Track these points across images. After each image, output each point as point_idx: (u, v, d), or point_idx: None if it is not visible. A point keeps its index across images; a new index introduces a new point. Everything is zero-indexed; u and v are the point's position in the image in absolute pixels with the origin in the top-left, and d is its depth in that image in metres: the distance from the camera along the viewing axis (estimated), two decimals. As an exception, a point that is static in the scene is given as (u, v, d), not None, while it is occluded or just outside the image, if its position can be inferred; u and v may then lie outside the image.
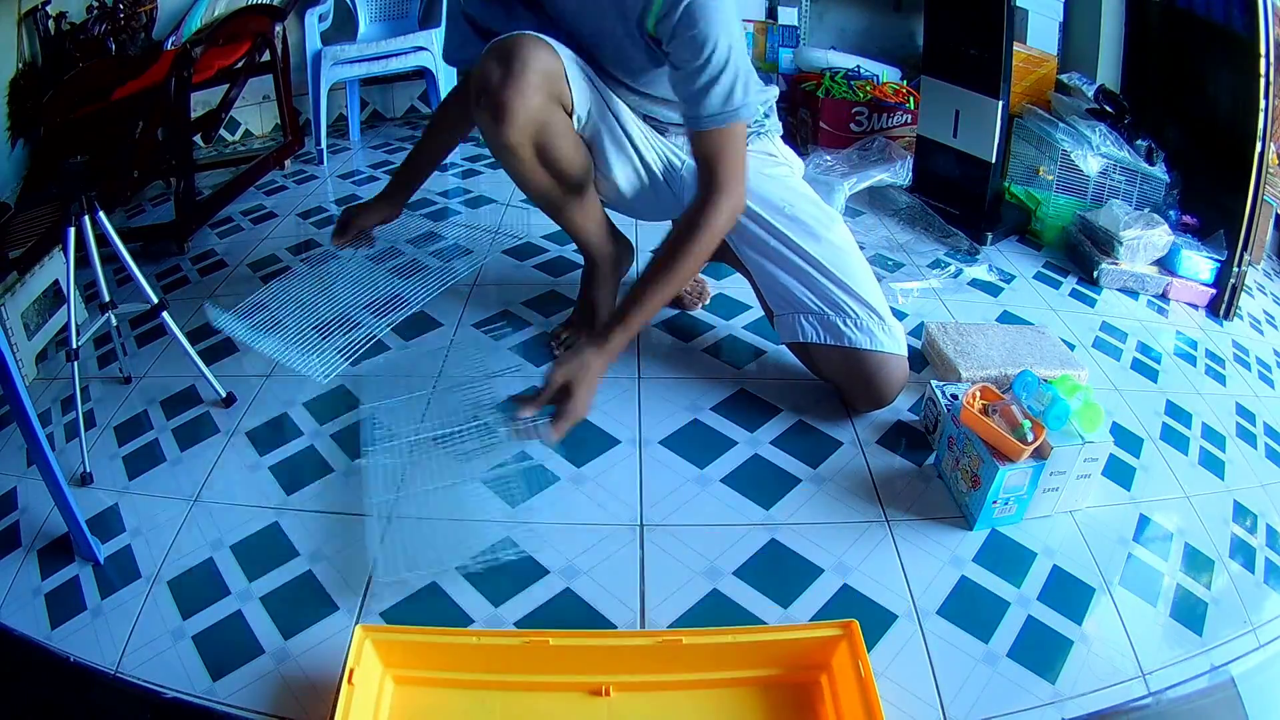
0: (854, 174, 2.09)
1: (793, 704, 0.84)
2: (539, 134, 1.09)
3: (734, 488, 1.11)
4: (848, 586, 0.97)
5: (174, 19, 2.07)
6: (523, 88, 1.03)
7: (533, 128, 1.08)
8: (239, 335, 1.29)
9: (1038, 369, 1.25)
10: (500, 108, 1.04)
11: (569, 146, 1.14)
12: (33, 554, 1.05)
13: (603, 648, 0.85)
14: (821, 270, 1.18)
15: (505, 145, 1.09)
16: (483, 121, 1.08)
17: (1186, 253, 1.77)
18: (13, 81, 1.69)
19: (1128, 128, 1.96)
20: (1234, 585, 1.04)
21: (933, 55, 1.96)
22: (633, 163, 1.23)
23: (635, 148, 1.22)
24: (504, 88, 1.03)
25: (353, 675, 0.78)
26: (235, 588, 0.98)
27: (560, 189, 1.20)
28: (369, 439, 1.17)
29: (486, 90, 1.04)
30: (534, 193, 1.21)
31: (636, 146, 1.22)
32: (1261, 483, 1.25)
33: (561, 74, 1.07)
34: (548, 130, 1.10)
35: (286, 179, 2.36)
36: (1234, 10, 1.74)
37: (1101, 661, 0.90)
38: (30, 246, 1.49)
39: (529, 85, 1.03)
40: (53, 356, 1.48)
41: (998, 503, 1.03)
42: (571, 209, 1.25)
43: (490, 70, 1.04)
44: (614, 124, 1.18)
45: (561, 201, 1.23)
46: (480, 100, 1.05)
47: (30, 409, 0.92)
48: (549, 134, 1.10)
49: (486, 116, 1.06)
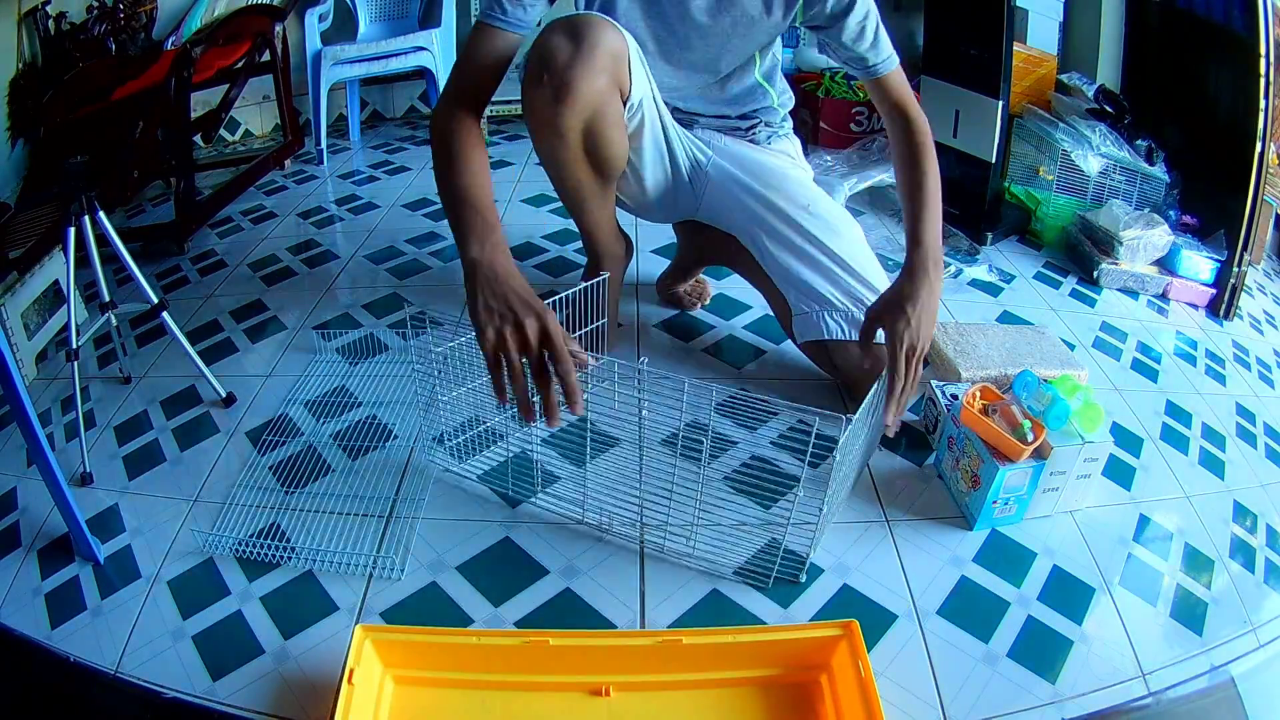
0: (854, 174, 2.09)
1: (793, 704, 0.84)
2: (594, 119, 1.05)
3: (734, 487, 1.11)
4: (848, 586, 0.97)
5: (174, 19, 2.07)
6: (591, 68, 0.99)
7: (590, 111, 1.04)
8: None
9: (1038, 369, 1.25)
10: (565, 87, 0.99)
11: (617, 136, 1.11)
12: (33, 554, 1.05)
13: (603, 648, 0.85)
14: (844, 266, 1.19)
15: (559, 127, 1.04)
16: (540, 99, 1.02)
17: (1186, 253, 1.77)
18: (13, 81, 1.69)
19: (1128, 128, 1.96)
20: (1234, 585, 1.04)
21: (933, 55, 1.96)
22: (664, 159, 1.23)
23: (669, 143, 1.22)
24: (572, 66, 0.98)
25: (353, 675, 0.78)
26: (235, 588, 0.97)
27: (593, 180, 1.17)
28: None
29: (551, 67, 0.99)
30: (566, 180, 1.17)
31: (669, 142, 1.22)
32: (1261, 483, 1.25)
33: (626, 57, 1.04)
34: (602, 116, 1.06)
35: (286, 179, 2.36)
36: (1234, 10, 1.74)
37: (1101, 661, 0.90)
38: (30, 246, 1.50)
39: (597, 66, 0.99)
40: (53, 356, 1.48)
41: (998, 503, 1.03)
42: (595, 202, 1.23)
43: (559, 46, 0.99)
44: (656, 117, 1.16)
45: (588, 193, 1.20)
46: (542, 77, 1.00)
47: (30, 409, 0.92)
48: (603, 120, 1.06)
49: (548, 94, 1.01)
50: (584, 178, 1.16)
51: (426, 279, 1.70)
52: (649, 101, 1.13)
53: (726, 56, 1.19)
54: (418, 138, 2.70)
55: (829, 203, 1.26)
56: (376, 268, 1.75)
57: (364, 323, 1.53)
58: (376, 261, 1.78)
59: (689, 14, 1.14)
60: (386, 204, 2.11)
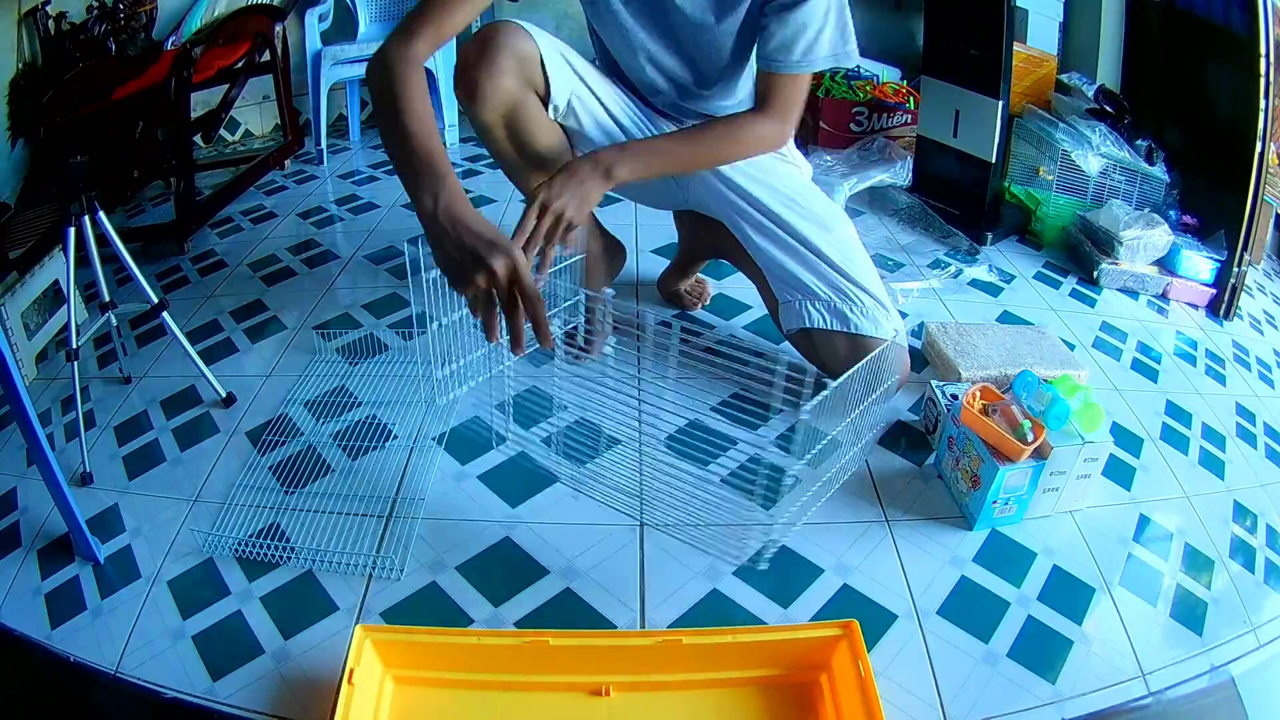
0: (854, 174, 2.09)
1: (793, 704, 0.84)
2: (510, 116, 1.14)
3: (734, 488, 1.11)
4: (848, 586, 0.97)
5: (174, 19, 2.07)
6: (494, 70, 1.09)
7: (503, 109, 1.13)
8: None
9: (1038, 369, 1.25)
10: (472, 86, 1.10)
11: (539, 131, 1.18)
12: (33, 554, 1.05)
13: (603, 648, 0.85)
14: (828, 261, 1.20)
15: (478, 124, 1.15)
16: (459, 100, 1.14)
17: (1186, 253, 1.77)
18: (13, 81, 1.69)
19: (1128, 128, 1.96)
20: (1234, 585, 1.04)
21: (933, 55, 1.96)
22: None
23: (626, 135, 1.23)
24: (476, 68, 1.09)
25: (353, 675, 0.78)
26: (235, 588, 0.97)
27: (534, 170, 1.22)
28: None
29: (463, 70, 1.10)
30: (511, 173, 1.26)
31: (629, 135, 1.23)
32: (1261, 483, 1.25)
33: (537, 60, 1.12)
34: (519, 113, 1.14)
35: (286, 179, 2.36)
36: (1234, 10, 1.74)
37: (1101, 661, 0.90)
38: (30, 246, 1.50)
39: (501, 68, 1.09)
40: (53, 356, 1.48)
41: (998, 503, 1.03)
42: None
43: (467, 50, 1.10)
44: (603, 113, 1.22)
45: (533, 184, 1.20)
46: (457, 79, 1.12)
47: (30, 409, 0.92)
48: (520, 117, 1.15)
49: (461, 94, 1.12)
50: (521, 168, 1.23)
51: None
52: (587, 99, 1.20)
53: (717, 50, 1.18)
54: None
55: (821, 200, 1.27)
56: (376, 268, 1.75)
57: (364, 323, 1.53)
58: (376, 261, 1.78)
59: (672, 3, 1.14)
60: (386, 204, 2.11)
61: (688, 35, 1.16)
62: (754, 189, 1.24)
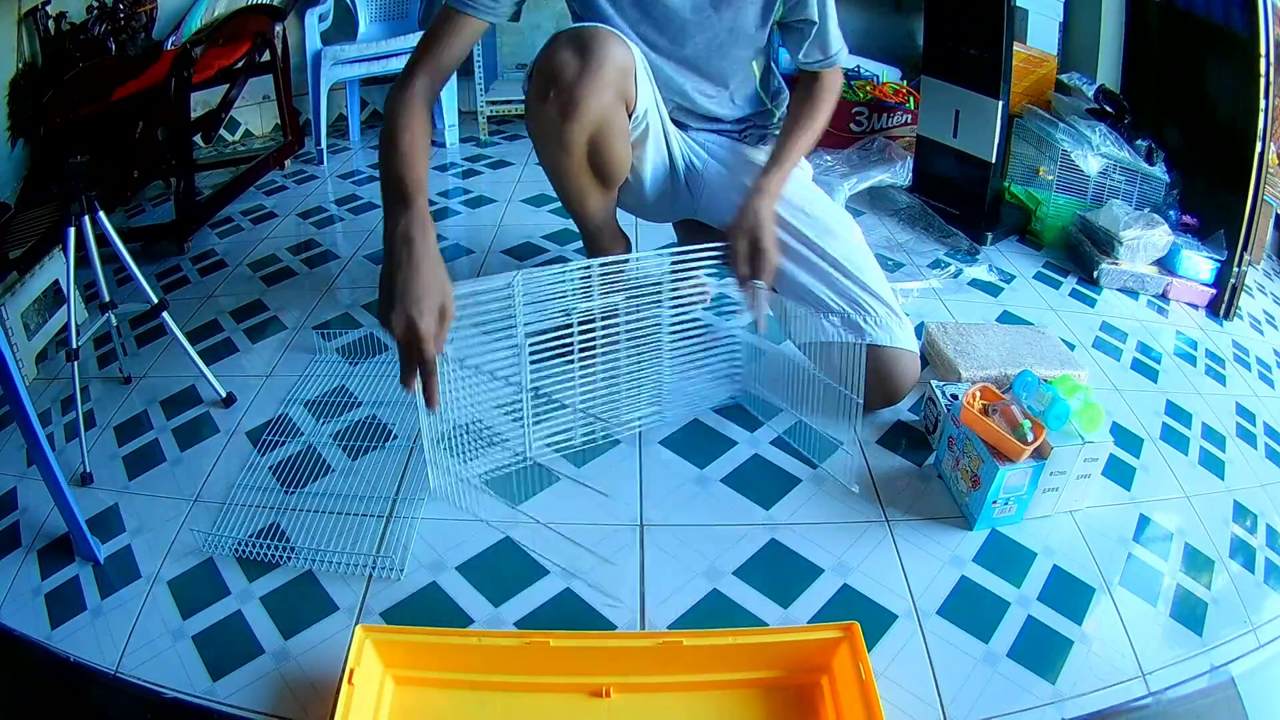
0: (854, 174, 2.09)
1: (793, 706, 0.84)
2: (599, 133, 1.07)
3: (734, 488, 1.11)
4: (848, 587, 0.97)
5: (174, 19, 2.07)
6: (598, 84, 1.00)
7: (595, 126, 1.05)
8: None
9: (1038, 369, 1.25)
10: (572, 103, 1.00)
11: (621, 148, 1.12)
12: (33, 554, 1.05)
13: (603, 649, 0.85)
14: (840, 269, 1.18)
15: (565, 143, 1.06)
16: (546, 115, 1.04)
17: (1186, 253, 1.77)
18: (13, 81, 1.69)
19: (1128, 128, 1.96)
20: (1234, 585, 1.04)
21: (933, 55, 1.96)
22: (665, 164, 1.24)
23: (669, 147, 1.22)
24: (580, 82, 0.99)
25: (353, 675, 0.78)
26: (235, 588, 0.97)
27: (596, 187, 1.18)
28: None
29: (559, 84, 1.00)
30: (569, 188, 1.19)
31: (670, 146, 1.22)
32: (1261, 483, 1.25)
33: (633, 71, 1.04)
34: (608, 130, 1.07)
35: (286, 179, 2.36)
36: (1234, 10, 1.74)
37: (1101, 661, 0.90)
38: (30, 246, 1.49)
39: (604, 81, 1.00)
40: (53, 356, 1.48)
41: (998, 503, 1.03)
42: (596, 206, 1.24)
43: (566, 61, 1.00)
44: (659, 124, 1.18)
45: (590, 199, 1.21)
46: (549, 93, 1.01)
47: (30, 409, 0.92)
48: (608, 133, 1.08)
49: (554, 110, 1.02)
50: (586, 185, 1.17)
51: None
52: (653, 111, 1.14)
53: (719, 54, 1.19)
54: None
55: (826, 203, 1.26)
56: (376, 268, 1.75)
57: (364, 323, 1.53)
58: (376, 261, 1.78)
59: (672, 10, 1.13)
60: (386, 204, 2.11)
61: (686, 34, 1.16)
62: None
